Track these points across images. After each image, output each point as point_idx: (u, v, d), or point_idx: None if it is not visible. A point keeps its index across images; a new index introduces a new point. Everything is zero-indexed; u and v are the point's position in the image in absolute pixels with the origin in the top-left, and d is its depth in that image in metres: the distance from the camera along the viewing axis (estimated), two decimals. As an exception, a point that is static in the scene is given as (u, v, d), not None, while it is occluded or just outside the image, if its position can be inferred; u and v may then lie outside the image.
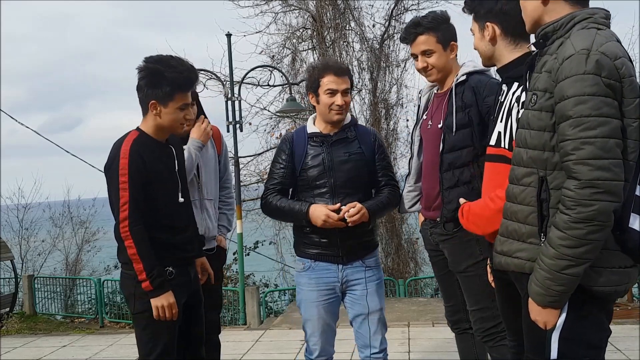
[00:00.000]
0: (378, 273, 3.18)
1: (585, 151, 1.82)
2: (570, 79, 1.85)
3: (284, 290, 11.05)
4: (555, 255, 1.89)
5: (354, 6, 12.97)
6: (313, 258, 3.11)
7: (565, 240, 1.86)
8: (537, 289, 1.96)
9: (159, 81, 2.75)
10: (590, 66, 1.83)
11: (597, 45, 1.86)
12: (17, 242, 14.26)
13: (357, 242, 3.08)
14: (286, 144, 3.18)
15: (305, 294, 3.15)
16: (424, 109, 3.22)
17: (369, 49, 12.95)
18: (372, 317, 3.11)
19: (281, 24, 12.89)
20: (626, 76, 1.86)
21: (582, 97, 1.83)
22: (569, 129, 1.85)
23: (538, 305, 1.99)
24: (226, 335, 6.22)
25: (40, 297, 10.39)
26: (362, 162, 3.11)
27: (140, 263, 2.65)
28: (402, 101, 13.05)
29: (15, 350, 6.29)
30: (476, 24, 2.52)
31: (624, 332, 5.51)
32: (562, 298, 1.94)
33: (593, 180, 1.81)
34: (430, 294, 10.89)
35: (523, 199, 2.05)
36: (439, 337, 5.63)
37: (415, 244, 13.17)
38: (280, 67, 11.96)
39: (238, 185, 9.23)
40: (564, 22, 1.99)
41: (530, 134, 2.01)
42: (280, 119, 12.92)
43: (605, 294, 1.95)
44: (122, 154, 2.71)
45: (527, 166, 2.03)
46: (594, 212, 1.82)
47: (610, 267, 1.93)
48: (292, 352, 5.49)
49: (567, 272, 1.88)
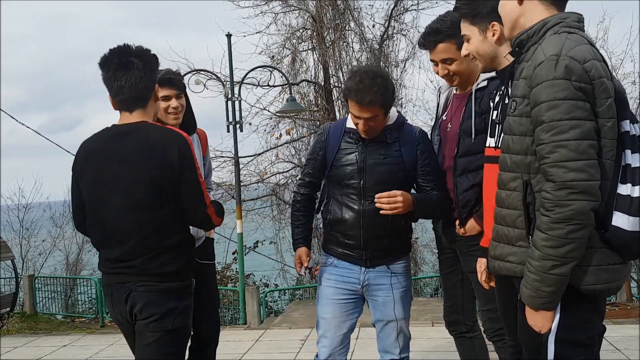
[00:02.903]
0: (405, 281, 3.06)
1: (559, 154, 1.88)
2: (541, 85, 1.91)
3: (284, 290, 11.05)
4: (540, 256, 1.93)
5: (353, 6, 12.98)
6: (337, 256, 3.04)
7: (547, 240, 1.91)
8: (528, 292, 2.00)
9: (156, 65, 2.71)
10: (560, 71, 1.89)
11: (566, 50, 1.91)
12: (18, 242, 14.26)
13: (382, 248, 2.97)
14: (322, 135, 3.10)
15: (323, 290, 3.06)
16: (443, 109, 3.18)
17: (368, 49, 12.96)
18: (394, 325, 3.02)
19: (281, 25, 12.92)
20: (596, 78, 1.91)
21: (553, 102, 1.89)
22: (543, 134, 1.91)
23: (531, 308, 2.02)
24: (226, 335, 6.23)
25: (41, 297, 10.39)
26: (398, 167, 2.95)
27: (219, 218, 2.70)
28: (402, 101, 13.07)
29: (16, 350, 6.29)
30: (475, 26, 2.50)
31: (624, 332, 5.52)
32: (552, 299, 1.97)
33: (568, 182, 1.87)
34: (430, 293, 10.90)
35: (510, 203, 2.09)
36: (438, 336, 5.63)
37: (415, 243, 13.19)
38: (280, 68, 11.96)
39: (238, 185, 9.24)
40: (537, 29, 2.05)
41: (512, 139, 2.06)
42: (280, 119, 12.93)
43: (597, 292, 1.98)
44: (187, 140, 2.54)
45: (512, 171, 2.08)
46: (571, 212, 1.87)
47: (599, 265, 1.96)
48: (292, 352, 5.49)
49: (553, 272, 1.92)
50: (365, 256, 2.98)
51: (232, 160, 10.30)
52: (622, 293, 9.07)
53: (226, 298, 9.44)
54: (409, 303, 3.10)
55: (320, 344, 3.06)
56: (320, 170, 3.09)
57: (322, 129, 3.16)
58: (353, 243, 2.97)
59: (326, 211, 3.06)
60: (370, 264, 2.99)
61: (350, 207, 2.96)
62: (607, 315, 8.33)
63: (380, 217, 2.88)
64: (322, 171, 3.09)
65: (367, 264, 2.99)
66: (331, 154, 3.01)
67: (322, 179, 3.13)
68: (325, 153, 3.04)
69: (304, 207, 3.16)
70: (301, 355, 5.30)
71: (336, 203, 3.00)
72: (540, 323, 2.01)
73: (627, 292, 8.93)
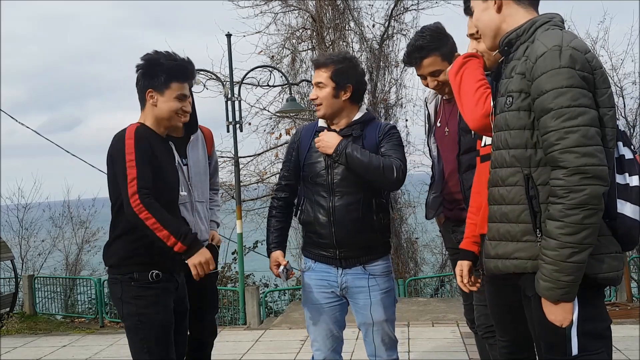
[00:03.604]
0: (385, 282, 3.00)
1: (569, 140, 1.88)
2: (546, 74, 1.92)
3: (284, 290, 11.05)
4: (557, 245, 1.91)
5: (353, 6, 12.98)
6: (313, 258, 3.04)
7: (564, 228, 1.89)
8: (546, 284, 1.95)
9: (155, 70, 2.77)
10: (565, 60, 1.91)
11: (567, 41, 1.94)
12: (17, 242, 14.28)
13: (356, 246, 2.94)
14: (295, 137, 3.15)
15: (307, 295, 3.06)
16: (435, 117, 3.21)
17: (368, 49, 12.96)
18: (377, 328, 2.98)
19: (281, 24, 12.93)
20: (597, 68, 1.94)
21: (561, 90, 1.90)
22: (551, 121, 1.91)
23: (550, 301, 1.98)
24: (226, 335, 6.23)
25: (41, 297, 10.40)
26: None
27: (164, 229, 2.56)
28: (402, 101, 13.09)
29: (15, 350, 6.29)
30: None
31: (624, 332, 5.51)
32: (572, 289, 1.94)
33: (580, 167, 1.87)
34: (430, 294, 10.91)
35: (512, 199, 2.07)
36: (438, 337, 5.62)
37: (415, 243, 13.18)
38: (280, 68, 11.96)
39: (238, 185, 9.23)
40: (526, 28, 2.08)
41: (510, 134, 2.05)
42: (280, 119, 12.93)
43: (609, 280, 1.99)
44: (128, 134, 2.68)
45: (511, 166, 2.06)
46: (586, 197, 1.86)
47: (610, 252, 1.98)
48: (292, 352, 5.49)
49: (572, 259, 1.90)
50: (339, 255, 2.95)
51: (232, 160, 10.30)
52: (622, 293, 9.07)
53: (226, 298, 9.45)
54: (392, 305, 3.04)
55: (314, 348, 3.09)
56: (295, 172, 3.09)
57: (295, 132, 3.21)
58: (326, 242, 2.95)
59: (301, 212, 3.06)
60: (346, 264, 2.96)
61: (320, 205, 2.95)
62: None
63: (350, 213, 2.90)
64: (297, 173, 3.08)
65: (342, 264, 2.96)
66: (303, 153, 3.05)
67: (299, 181, 3.11)
68: (298, 154, 3.07)
69: (280, 213, 3.13)
70: (301, 355, 5.29)
71: (309, 202, 3.01)
72: (562, 316, 1.98)
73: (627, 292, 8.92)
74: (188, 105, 2.88)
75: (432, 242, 13.79)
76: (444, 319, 6.53)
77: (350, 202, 2.90)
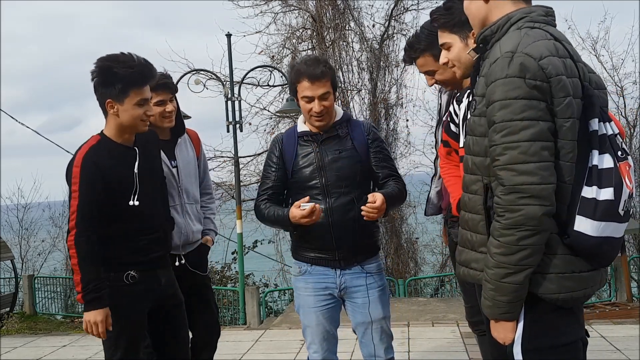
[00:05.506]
0: (380, 280, 3.03)
1: (507, 156, 1.78)
2: (495, 83, 1.81)
3: (284, 290, 11.05)
4: (493, 264, 1.83)
5: (353, 6, 12.99)
6: (309, 262, 3.00)
7: (499, 247, 1.81)
8: (485, 302, 1.89)
9: (111, 80, 2.69)
10: (513, 69, 1.78)
11: (522, 47, 1.81)
12: (17, 242, 14.29)
13: (354, 245, 2.94)
14: (276, 146, 3.07)
15: (303, 299, 3.02)
16: (445, 109, 3.16)
17: (368, 49, 12.97)
18: (375, 326, 2.97)
19: (281, 24, 12.93)
20: (553, 75, 1.78)
21: (505, 102, 1.78)
22: (494, 135, 1.82)
23: (490, 319, 1.92)
24: (226, 335, 6.22)
25: (41, 297, 10.40)
26: (354, 159, 2.96)
27: (79, 274, 2.64)
28: (402, 101, 13.09)
29: (15, 350, 6.29)
30: (455, 35, 2.46)
31: (624, 332, 5.51)
32: (510, 309, 1.85)
33: (517, 186, 1.77)
34: (430, 293, 10.91)
35: (472, 207, 1.98)
36: (438, 337, 5.62)
37: (415, 243, 13.19)
38: (280, 68, 11.95)
39: (238, 185, 9.24)
40: (500, 24, 1.94)
41: (473, 140, 1.96)
42: (280, 119, 12.93)
43: (560, 301, 1.85)
44: (76, 162, 2.70)
45: (473, 173, 1.97)
46: (521, 217, 1.77)
47: (561, 272, 1.84)
48: (292, 352, 5.49)
49: (507, 280, 1.81)
50: (338, 256, 2.94)
51: (232, 160, 10.31)
52: (622, 293, 9.07)
53: (226, 298, 9.45)
54: (388, 302, 3.06)
55: (311, 350, 3.07)
56: (282, 180, 3.03)
57: (274, 141, 3.12)
58: (325, 244, 2.93)
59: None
60: (345, 264, 2.95)
61: None
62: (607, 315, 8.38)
63: (347, 212, 2.90)
64: (284, 181, 3.04)
65: (341, 265, 2.95)
66: (290, 161, 3.01)
67: (284, 190, 3.07)
68: (284, 163, 3.02)
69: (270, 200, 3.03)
70: (301, 355, 5.29)
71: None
72: (502, 334, 1.91)
73: (627, 292, 8.93)
74: (151, 109, 2.82)
75: (432, 242, 13.80)
76: (444, 319, 6.53)
77: (346, 202, 2.91)
